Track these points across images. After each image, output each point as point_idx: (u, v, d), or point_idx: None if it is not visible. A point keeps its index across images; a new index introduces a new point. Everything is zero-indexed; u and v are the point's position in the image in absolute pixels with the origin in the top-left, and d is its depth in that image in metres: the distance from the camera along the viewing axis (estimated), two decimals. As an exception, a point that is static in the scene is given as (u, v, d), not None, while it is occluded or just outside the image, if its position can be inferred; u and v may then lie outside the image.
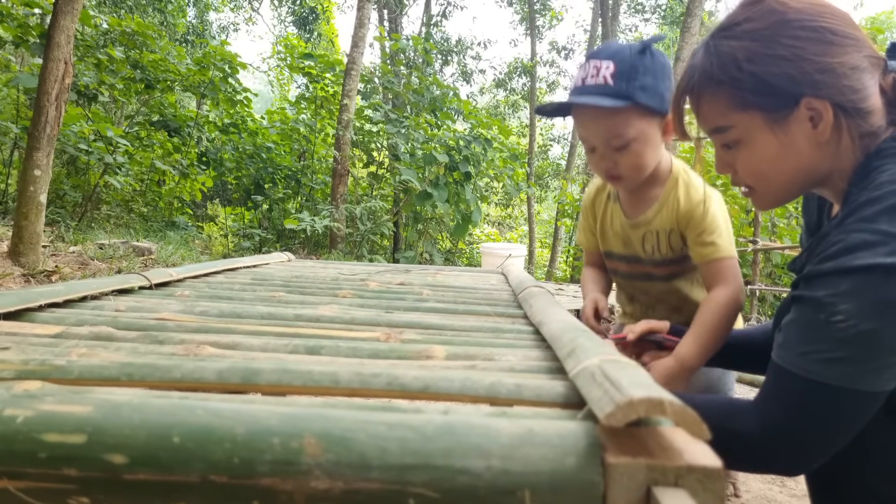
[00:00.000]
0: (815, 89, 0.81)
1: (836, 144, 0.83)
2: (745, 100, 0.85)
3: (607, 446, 0.38)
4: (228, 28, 17.30)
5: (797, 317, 0.78)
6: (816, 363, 0.74)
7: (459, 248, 10.53)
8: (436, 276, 1.74)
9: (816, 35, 0.81)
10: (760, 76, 0.83)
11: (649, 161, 1.20)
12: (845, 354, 0.72)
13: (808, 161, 0.86)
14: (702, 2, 7.06)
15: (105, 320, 0.85)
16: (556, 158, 17.44)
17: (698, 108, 0.93)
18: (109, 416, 0.41)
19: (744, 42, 0.84)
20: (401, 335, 0.83)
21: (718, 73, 0.86)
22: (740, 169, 0.92)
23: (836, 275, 0.73)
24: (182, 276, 1.37)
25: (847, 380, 0.72)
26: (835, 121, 0.82)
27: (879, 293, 0.70)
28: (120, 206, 8.44)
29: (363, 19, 8.32)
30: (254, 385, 0.57)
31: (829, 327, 0.72)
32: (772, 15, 0.83)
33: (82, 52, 7.10)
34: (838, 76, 0.80)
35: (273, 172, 9.21)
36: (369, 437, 0.40)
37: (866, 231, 0.72)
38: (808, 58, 0.81)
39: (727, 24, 0.88)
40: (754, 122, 0.86)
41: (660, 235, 1.27)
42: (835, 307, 0.72)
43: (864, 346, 0.71)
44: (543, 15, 16.08)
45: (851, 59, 0.81)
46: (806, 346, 0.75)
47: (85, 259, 4.61)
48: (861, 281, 0.71)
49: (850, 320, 0.71)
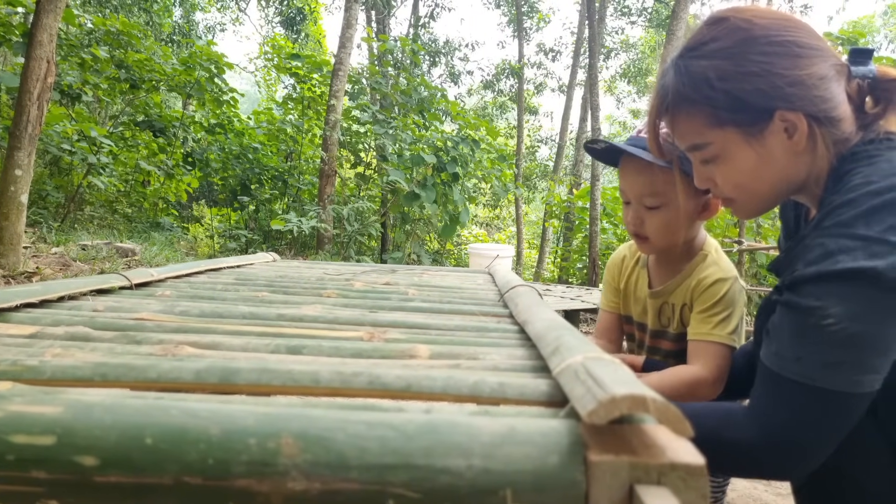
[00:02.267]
0: (787, 102, 0.83)
1: (811, 153, 0.85)
2: (721, 117, 0.87)
3: (590, 444, 0.38)
4: (215, 28, 17.19)
5: (787, 323, 0.79)
6: (813, 368, 0.75)
7: (447, 248, 10.53)
8: (422, 276, 1.73)
9: (783, 49, 0.83)
10: (733, 93, 0.85)
11: (678, 230, 1.17)
12: (840, 358, 0.73)
13: (785, 171, 0.88)
14: (687, 5, 7.11)
15: (82, 320, 0.83)
16: (544, 160, 17.50)
17: (674, 127, 0.95)
18: (80, 416, 0.40)
19: (713, 61, 0.86)
20: (384, 334, 0.82)
21: (692, 92, 0.88)
22: (720, 183, 0.94)
23: (822, 280, 0.74)
24: (164, 276, 1.35)
25: (844, 383, 0.73)
26: (809, 130, 0.83)
27: (865, 296, 0.71)
28: (104, 207, 8.35)
29: (351, 20, 8.29)
30: (232, 385, 0.56)
31: (822, 332, 0.73)
32: (738, 33, 0.85)
33: (66, 51, 7.02)
34: (808, 87, 0.82)
35: (260, 173, 9.16)
36: (348, 436, 0.39)
37: (845, 236, 0.74)
38: (778, 72, 0.82)
39: (694, 44, 0.90)
40: (731, 138, 0.88)
41: (675, 309, 1.24)
42: (825, 311, 0.73)
43: (856, 349, 0.72)
44: (531, 17, 16.13)
45: (819, 69, 0.83)
46: (800, 352, 0.76)
47: (67, 260, 4.56)
48: (846, 285, 0.72)
49: (840, 324, 0.72)
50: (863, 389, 0.73)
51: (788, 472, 0.83)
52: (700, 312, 1.15)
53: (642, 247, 1.23)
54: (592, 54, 9.64)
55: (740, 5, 0.91)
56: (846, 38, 7.12)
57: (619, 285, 1.38)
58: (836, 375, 0.73)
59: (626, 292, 1.37)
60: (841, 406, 0.75)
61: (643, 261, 1.32)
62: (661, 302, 1.26)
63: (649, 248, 1.22)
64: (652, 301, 1.28)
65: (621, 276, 1.38)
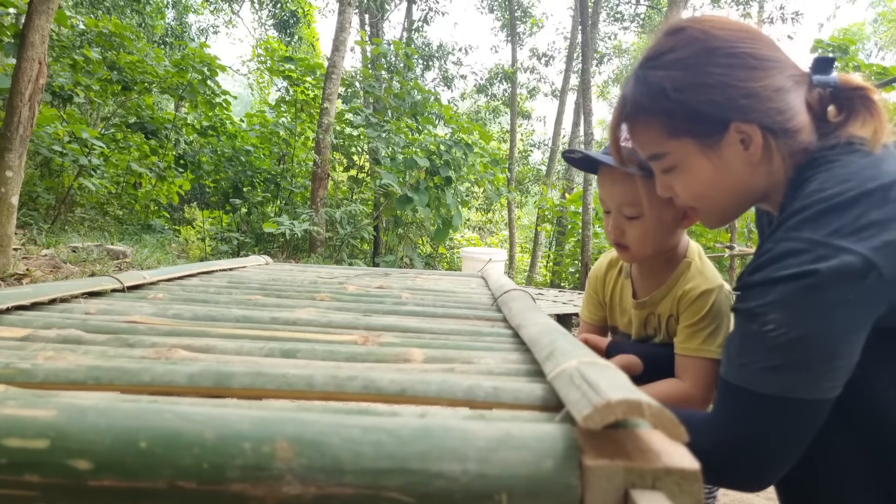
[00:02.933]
0: (741, 114, 0.83)
1: (768, 163, 0.86)
2: (677, 128, 0.88)
3: (585, 449, 0.38)
4: (208, 30, 17.15)
5: (736, 328, 0.80)
6: (755, 373, 0.74)
7: (440, 252, 10.53)
8: (415, 280, 1.73)
9: (739, 61, 0.83)
10: (689, 104, 0.85)
11: (658, 239, 1.16)
12: (779, 363, 0.72)
13: (743, 181, 0.89)
14: (679, 11, 7.17)
15: (74, 323, 0.82)
16: (537, 164, 17.52)
17: (634, 136, 0.96)
18: (74, 420, 0.40)
19: (670, 72, 0.86)
20: (378, 338, 0.82)
21: (649, 103, 0.89)
22: (680, 192, 0.95)
23: (765, 285, 0.74)
24: (156, 279, 1.35)
25: (786, 389, 0.72)
26: (764, 142, 0.84)
27: (806, 300, 0.71)
28: (94, 209, 8.30)
29: (344, 23, 8.30)
30: (226, 389, 0.55)
31: (762, 337, 0.73)
32: (695, 44, 0.86)
33: (58, 52, 6.99)
34: (763, 100, 0.82)
35: (252, 176, 9.14)
36: (343, 440, 0.39)
37: (792, 239, 0.74)
38: (733, 84, 0.83)
39: (653, 53, 0.90)
40: (688, 148, 0.89)
41: (661, 319, 1.23)
42: (766, 317, 0.73)
43: (796, 354, 0.71)
44: (524, 22, 16.18)
45: (775, 81, 0.83)
46: (743, 358, 0.76)
47: (57, 262, 4.53)
48: (788, 289, 0.72)
49: (780, 329, 0.71)
50: (811, 396, 0.72)
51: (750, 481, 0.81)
52: (688, 326, 1.14)
53: (623, 256, 1.22)
54: (585, 59, 9.68)
55: (700, 15, 0.91)
56: (837, 45, 7.19)
57: (605, 298, 1.36)
58: (775, 380, 0.73)
59: (611, 304, 1.35)
60: (788, 412, 0.73)
61: (626, 270, 1.31)
62: (646, 312, 1.25)
63: (630, 257, 1.21)
64: (637, 312, 1.26)
65: (605, 288, 1.36)
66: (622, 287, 1.32)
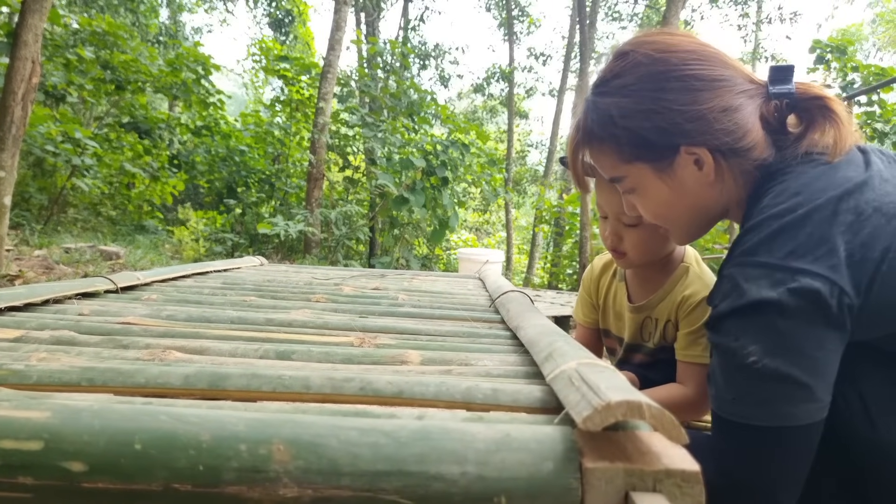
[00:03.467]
0: (688, 138, 0.82)
1: (722, 182, 0.86)
2: (628, 153, 0.88)
3: (585, 451, 0.38)
4: (202, 29, 17.09)
5: (717, 363, 0.78)
6: (748, 408, 0.73)
7: (436, 253, 10.51)
8: (411, 281, 1.73)
9: (682, 84, 0.82)
10: (635, 131, 0.85)
11: (656, 246, 1.17)
12: (770, 393, 0.71)
13: (701, 200, 0.89)
14: (678, 11, 7.17)
15: (67, 324, 0.82)
16: (534, 164, 17.51)
17: (593, 159, 0.96)
18: (68, 421, 0.39)
19: (615, 98, 0.86)
20: (375, 340, 0.82)
21: (598, 130, 0.89)
22: (642, 212, 0.96)
23: (734, 316, 0.73)
24: (149, 280, 1.34)
25: (781, 418, 0.72)
26: (715, 162, 0.83)
27: (777, 327, 0.70)
28: (87, 210, 8.26)
29: (340, 22, 8.28)
30: (222, 390, 0.55)
31: (746, 370, 0.72)
32: (638, 68, 0.85)
33: (51, 51, 6.95)
34: (709, 122, 0.81)
35: (246, 176, 9.10)
36: (341, 443, 0.38)
37: (748, 265, 0.73)
38: (678, 108, 0.82)
39: (601, 79, 0.90)
40: (642, 172, 0.89)
41: (658, 324, 1.22)
42: (745, 349, 0.72)
43: (781, 382, 0.71)
44: (521, 21, 16.17)
45: (722, 101, 0.82)
46: (733, 392, 0.75)
47: (50, 263, 4.50)
48: (757, 319, 0.71)
49: (763, 359, 0.70)
50: (802, 421, 0.72)
51: None
52: (689, 333, 1.14)
53: (620, 262, 1.22)
54: (583, 59, 9.68)
55: (648, 34, 0.90)
56: (835, 45, 7.21)
57: (598, 301, 1.36)
58: (771, 411, 0.72)
59: (604, 307, 1.35)
60: (784, 442, 0.73)
61: (620, 274, 1.31)
62: (643, 317, 1.25)
63: (627, 264, 1.21)
64: (633, 315, 1.26)
65: (598, 292, 1.36)
66: (616, 290, 1.31)
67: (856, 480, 0.79)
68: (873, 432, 0.75)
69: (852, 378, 0.76)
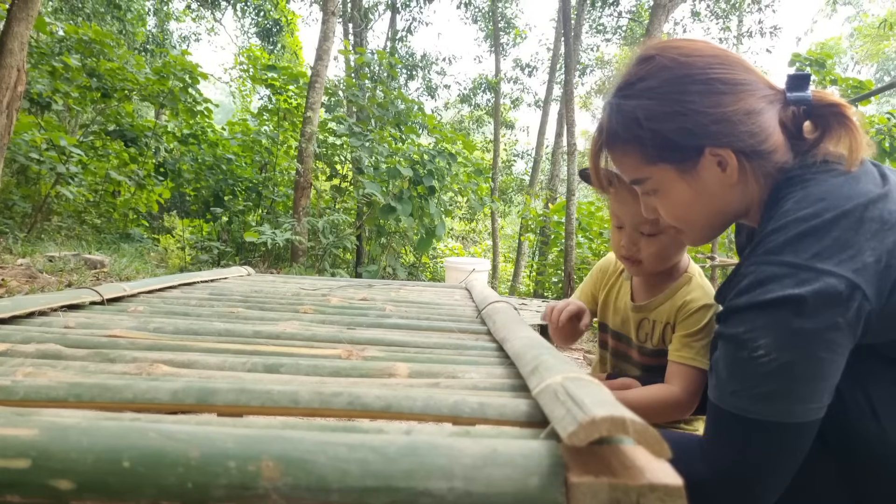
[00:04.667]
0: (714, 139, 0.84)
1: (744, 184, 0.88)
2: (652, 155, 0.89)
3: (570, 465, 0.38)
4: (190, 38, 17.04)
5: (723, 354, 0.79)
6: (748, 400, 0.75)
7: (423, 262, 10.51)
8: (399, 292, 1.73)
9: (707, 87, 0.84)
10: (661, 133, 0.87)
11: (672, 255, 1.20)
12: (772, 389, 0.73)
13: (723, 202, 0.90)
14: (661, 24, 7.27)
15: (53, 337, 0.81)
16: (520, 174, 17.60)
17: (614, 162, 0.98)
18: (56, 439, 0.39)
19: (641, 101, 0.88)
20: (363, 352, 0.82)
21: (623, 132, 0.91)
22: (663, 214, 0.97)
23: (751, 310, 0.75)
24: (136, 291, 1.33)
25: (781, 414, 0.73)
26: (739, 164, 0.85)
27: (793, 325, 0.71)
28: (72, 218, 8.17)
29: (328, 32, 8.29)
30: (210, 405, 0.55)
31: (753, 363, 0.73)
32: (664, 72, 0.87)
33: (36, 59, 6.89)
34: (734, 124, 0.83)
35: (233, 184, 9.06)
36: (329, 459, 0.39)
37: (773, 263, 0.74)
38: (703, 111, 0.84)
39: (625, 82, 0.92)
40: (666, 174, 0.90)
41: (656, 326, 1.26)
42: (755, 342, 0.73)
43: (787, 378, 0.72)
44: (508, 33, 16.29)
45: (746, 104, 0.84)
46: (735, 385, 0.76)
47: (33, 272, 4.45)
48: (774, 314, 0.72)
49: (770, 354, 0.72)
50: (800, 419, 0.73)
51: None
52: (684, 336, 1.17)
53: (633, 269, 1.25)
54: (568, 70, 9.75)
55: (672, 40, 0.93)
56: (814, 59, 7.33)
57: (600, 290, 1.40)
58: (771, 406, 0.73)
59: (605, 299, 1.38)
60: (781, 438, 0.74)
61: (628, 273, 1.35)
62: (641, 317, 1.28)
63: (642, 271, 1.24)
64: (634, 314, 1.30)
65: (605, 281, 1.40)
66: (621, 287, 1.35)
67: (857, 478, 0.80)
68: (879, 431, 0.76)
69: (858, 378, 0.78)
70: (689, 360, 1.15)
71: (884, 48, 22.40)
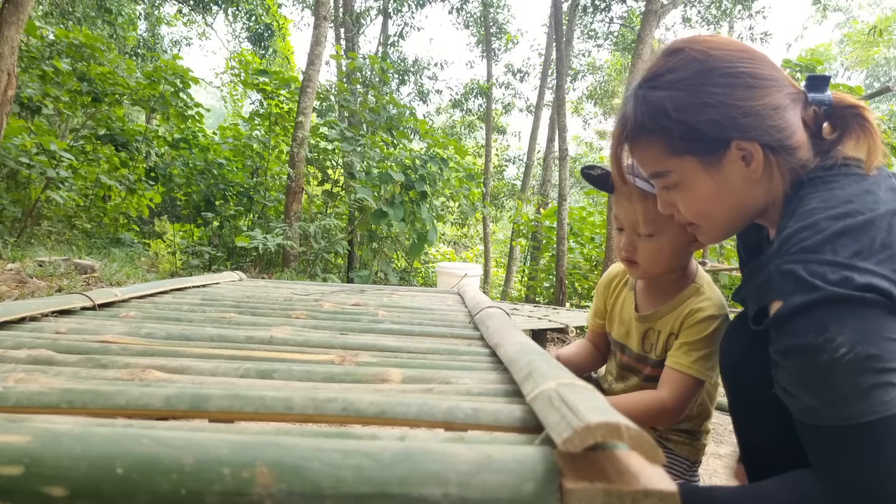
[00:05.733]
0: (742, 132, 0.85)
1: (768, 180, 0.88)
2: (678, 146, 0.89)
3: (565, 471, 0.38)
4: (181, 42, 16.99)
5: (798, 369, 0.74)
6: (849, 406, 0.69)
7: (415, 267, 10.51)
8: (391, 297, 1.73)
9: (737, 80, 0.85)
10: (690, 124, 0.87)
11: (670, 259, 1.19)
12: (868, 383, 0.68)
13: (744, 197, 0.90)
14: (652, 30, 7.31)
15: (44, 343, 0.81)
16: (512, 179, 17.64)
17: (636, 154, 0.97)
18: (48, 445, 0.39)
19: (670, 92, 0.88)
20: (356, 358, 0.82)
21: (650, 122, 0.90)
22: (682, 208, 0.96)
23: (812, 310, 0.71)
24: (127, 297, 1.32)
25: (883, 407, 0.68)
26: (765, 159, 0.85)
27: (858, 316, 0.69)
28: (62, 222, 8.12)
29: (320, 37, 8.29)
30: (204, 412, 0.55)
31: (839, 364, 0.69)
32: (693, 64, 0.88)
33: (26, 63, 6.85)
34: (762, 118, 0.84)
35: (224, 189, 9.03)
36: (324, 465, 0.39)
37: (813, 262, 0.72)
38: (732, 103, 0.84)
39: (652, 74, 0.92)
40: (690, 166, 0.90)
41: (660, 336, 1.25)
42: (832, 343, 0.69)
43: (877, 370, 0.68)
44: (499, 38, 16.35)
45: (773, 99, 0.85)
46: (828, 395, 0.70)
47: (23, 277, 4.41)
48: (838, 310, 0.69)
49: (855, 349, 0.68)
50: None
51: None
52: (686, 343, 1.16)
53: (632, 271, 1.25)
54: (560, 76, 9.80)
55: (698, 35, 0.93)
56: (804, 65, 7.39)
57: (606, 304, 1.40)
58: (871, 403, 0.68)
59: (611, 312, 1.38)
60: (890, 433, 0.68)
61: (630, 283, 1.34)
62: (646, 327, 1.27)
63: (640, 273, 1.24)
64: (638, 325, 1.29)
65: (608, 294, 1.40)
66: (624, 298, 1.35)
67: None
68: None
69: None
70: (684, 367, 1.14)
71: (873, 54, 22.67)
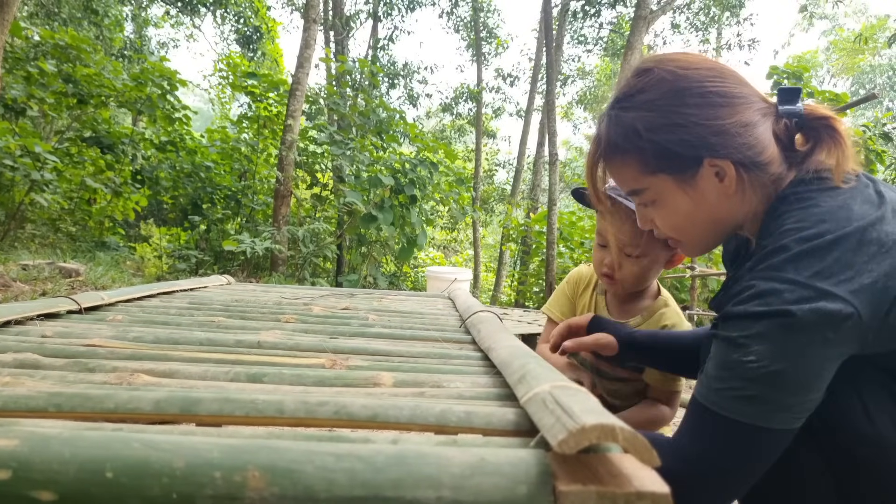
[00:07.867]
0: (712, 150, 0.86)
1: (742, 194, 0.89)
2: (652, 165, 0.91)
3: (558, 474, 0.38)
4: (168, 44, 16.91)
5: (714, 354, 0.81)
6: (729, 400, 0.76)
7: (404, 271, 10.49)
8: (381, 301, 1.73)
9: (707, 100, 0.87)
10: (661, 144, 0.88)
11: (649, 278, 1.24)
12: (755, 393, 0.74)
13: (720, 212, 0.92)
14: (641, 35, 7.38)
15: (31, 347, 0.80)
16: (502, 183, 17.69)
17: (612, 173, 0.99)
18: (37, 449, 0.38)
19: (641, 112, 0.90)
20: (347, 361, 0.81)
21: (623, 142, 0.92)
22: (660, 224, 0.98)
23: (750, 317, 0.76)
24: (114, 300, 1.31)
25: (758, 417, 0.75)
26: (737, 175, 0.87)
27: (787, 337, 0.73)
28: (46, 225, 8.03)
29: (309, 40, 8.28)
30: (194, 415, 0.54)
31: (742, 366, 0.75)
32: (662, 84, 0.89)
33: (11, 64, 6.80)
34: (732, 136, 0.86)
35: (212, 192, 8.98)
36: (316, 468, 0.38)
37: (774, 279, 0.76)
38: (702, 123, 0.86)
39: (623, 94, 0.94)
40: (665, 184, 0.92)
41: None
42: (748, 348, 0.75)
43: (772, 386, 0.74)
44: (489, 42, 16.42)
45: (743, 117, 0.86)
46: (720, 384, 0.78)
47: (7, 280, 4.36)
48: (771, 325, 0.74)
49: (761, 361, 0.74)
50: (780, 426, 0.75)
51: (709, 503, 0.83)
52: None
53: (609, 286, 1.28)
54: (550, 80, 9.85)
55: (668, 53, 0.95)
56: (791, 71, 7.48)
57: (573, 303, 1.41)
58: (750, 408, 0.75)
59: (580, 312, 1.39)
60: (756, 439, 0.76)
61: (601, 287, 1.36)
62: None
63: (618, 289, 1.27)
64: None
65: (579, 292, 1.42)
66: (595, 301, 1.37)
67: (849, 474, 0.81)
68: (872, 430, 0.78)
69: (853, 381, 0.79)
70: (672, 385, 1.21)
71: (859, 62, 23.00)
